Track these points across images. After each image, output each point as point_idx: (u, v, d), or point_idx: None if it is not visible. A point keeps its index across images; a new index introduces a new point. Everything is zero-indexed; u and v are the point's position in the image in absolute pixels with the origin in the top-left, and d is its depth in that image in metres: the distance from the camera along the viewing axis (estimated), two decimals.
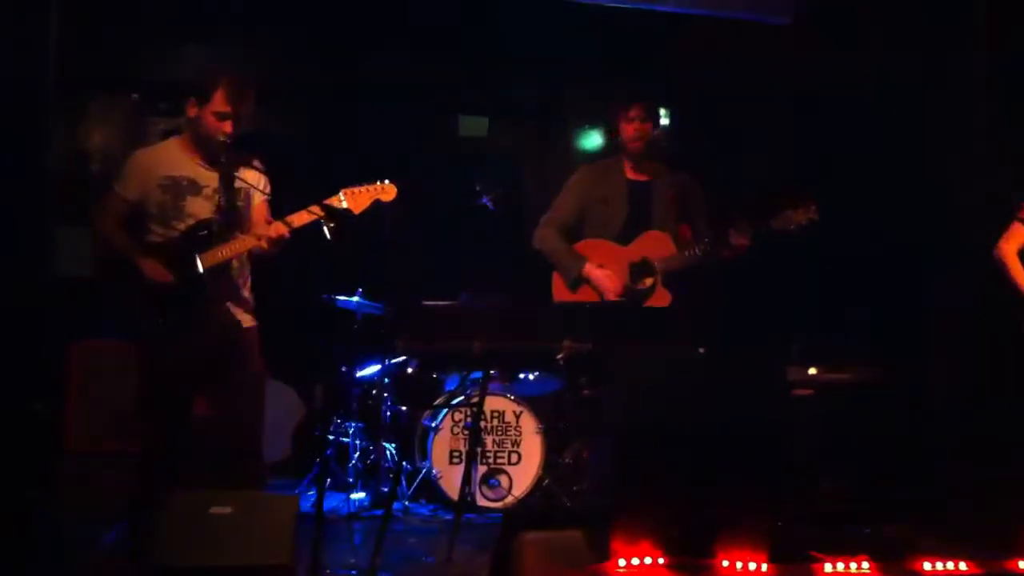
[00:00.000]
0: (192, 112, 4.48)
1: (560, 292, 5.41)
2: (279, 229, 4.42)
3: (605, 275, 5.20)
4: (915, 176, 6.29)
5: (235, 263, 4.57)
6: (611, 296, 5.15)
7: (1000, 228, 5.07)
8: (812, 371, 5.94)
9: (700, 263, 5.01)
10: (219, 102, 4.42)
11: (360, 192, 4.51)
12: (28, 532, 4.51)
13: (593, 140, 8.47)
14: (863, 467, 5.68)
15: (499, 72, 7.56)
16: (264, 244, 4.41)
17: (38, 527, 4.58)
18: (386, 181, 4.58)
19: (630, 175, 5.31)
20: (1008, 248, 4.96)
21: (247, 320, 4.64)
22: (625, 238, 5.25)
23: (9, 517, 4.44)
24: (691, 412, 3.54)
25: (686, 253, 5.06)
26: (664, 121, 7.61)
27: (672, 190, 5.20)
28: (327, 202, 4.40)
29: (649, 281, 5.07)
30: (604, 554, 3.46)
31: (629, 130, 5.23)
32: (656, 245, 5.17)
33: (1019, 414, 4.92)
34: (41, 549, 4.55)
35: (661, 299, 5.05)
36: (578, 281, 5.29)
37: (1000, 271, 4.97)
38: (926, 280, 6.29)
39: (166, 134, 5.18)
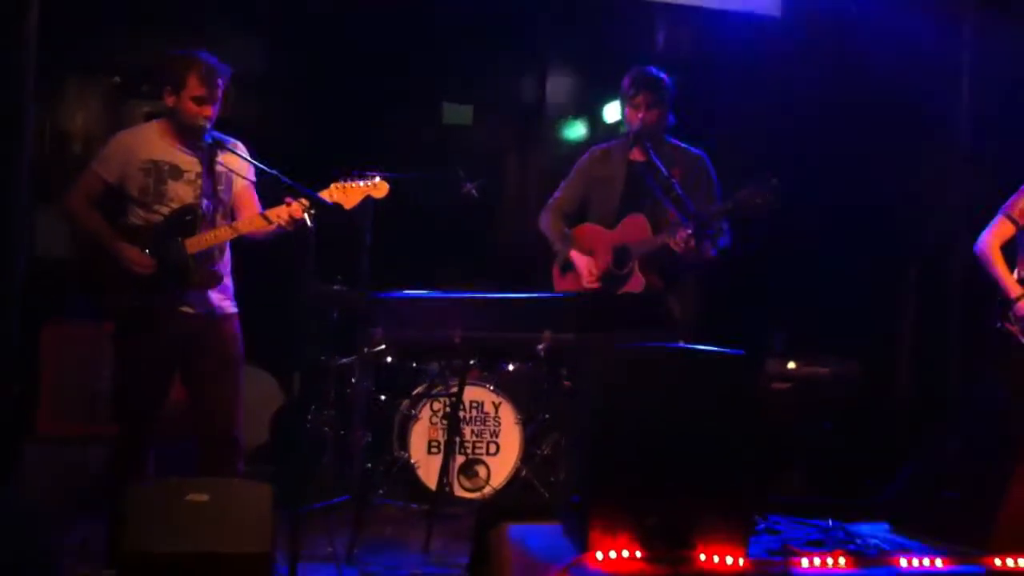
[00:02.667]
0: (170, 101, 4.46)
1: (559, 281, 5.37)
2: (259, 224, 4.42)
3: (584, 261, 5.15)
4: (900, 171, 6.31)
5: (217, 249, 4.55)
6: (585, 281, 5.12)
7: (983, 224, 5.06)
8: (791, 365, 5.96)
9: (676, 253, 4.89)
10: (195, 86, 4.40)
11: (351, 188, 4.50)
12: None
13: (577, 129, 8.46)
14: (840, 461, 5.71)
15: (484, 60, 7.54)
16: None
17: (9, 511, 4.53)
18: (377, 178, 4.57)
19: (633, 156, 5.20)
20: (991, 242, 4.94)
21: (228, 307, 4.63)
22: (616, 221, 5.19)
23: None
24: (668, 406, 3.53)
25: (658, 238, 4.97)
26: None
27: (674, 169, 5.03)
28: (319, 195, 4.39)
29: (628, 266, 5.04)
30: (582, 546, 3.45)
31: (634, 118, 5.12)
32: (634, 230, 5.10)
33: (997, 408, 4.93)
34: (9, 533, 4.51)
35: (636, 284, 5.01)
36: (566, 265, 5.26)
37: (981, 265, 4.96)
38: (906, 275, 6.31)
39: (149, 117, 5.14)
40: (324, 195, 4.44)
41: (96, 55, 7.17)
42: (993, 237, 4.94)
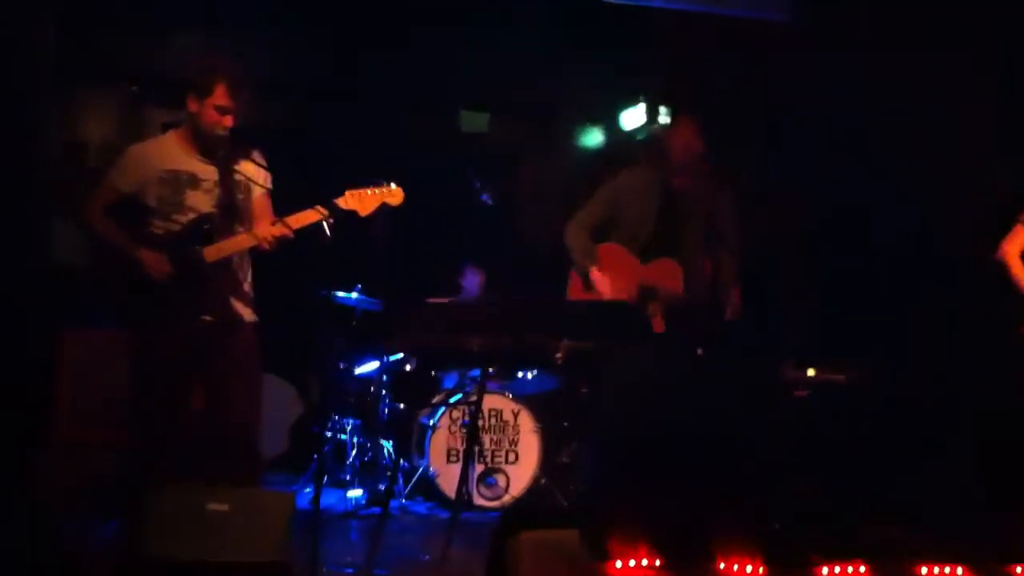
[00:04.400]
0: (193, 106, 4.46)
1: (576, 291, 5.33)
2: (281, 229, 4.41)
3: (606, 287, 5.06)
4: (912, 176, 6.28)
5: (235, 257, 4.56)
6: (610, 296, 5.09)
7: (1000, 230, 5.06)
8: (810, 372, 5.94)
9: (702, 308, 4.87)
10: (220, 96, 4.41)
11: (367, 194, 4.49)
12: (17, 523, 4.50)
13: (594, 136, 8.47)
14: (860, 469, 5.68)
15: (500, 68, 7.55)
16: (266, 245, 4.41)
17: (28, 517, 4.56)
18: (392, 184, 4.55)
19: (675, 186, 5.11)
20: (1011, 250, 4.96)
21: (247, 314, 4.63)
22: (647, 253, 5.10)
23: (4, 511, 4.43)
24: (686, 413, 3.53)
25: (687, 296, 4.91)
26: (666, 119, 7.62)
27: (707, 212, 5.03)
28: (334, 202, 4.40)
29: (652, 308, 4.97)
30: (601, 555, 3.45)
31: (677, 148, 5.05)
32: (667, 276, 5.01)
33: (1016, 416, 4.91)
34: (30, 540, 4.53)
35: (657, 326, 4.95)
36: (588, 281, 5.21)
37: (1002, 273, 4.97)
38: (921, 281, 6.28)
39: (165, 126, 5.16)
40: (339, 202, 4.44)
41: (114, 64, 7.21)
42: (1012, 244, 4.96)
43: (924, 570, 3.59)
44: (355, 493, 6.17)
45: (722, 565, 3.44)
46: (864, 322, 6.31)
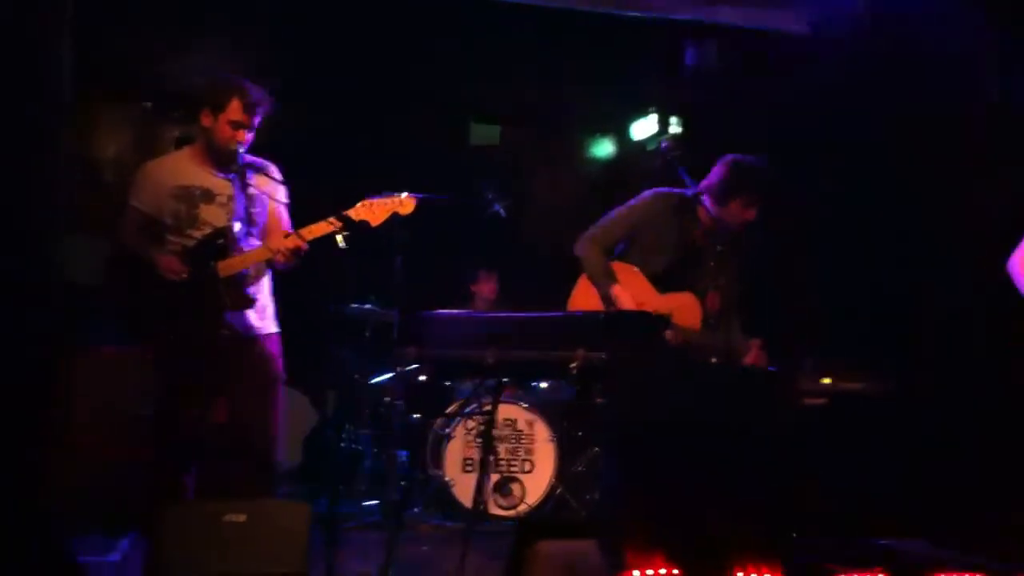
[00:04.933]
0: (207, 121, 4.49)
1: (577, 302, 5.33)
2: (295, 242, 4.42)
3: (626, 298, 4.98)
4: (929, 185, 6.28)
5: (252, 270, 4.57)
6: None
7: (1012, 239, 5.05)
8: (826, 380, 5.92)
9: (718, 349, 4.83)
10: (235, 111, 4.44)
11: (378, 204, 4.50)
12: (32, 541, 4.50)
13: (606, 147, 8.48)
14: (878, 478, 5.67)
15: (511, 80, 7.57)
16: (280, 257, 4.42)
17: (41, 535, 4.57)
18: (404, 194, 4.55)
19: (695, 231, 5.07)
20: (1019, 259, 4.94)
21: (267, 326, 4.64)
22: (662, 283, 5.07)
23: (12, 525, 4.44)
24: (702, 422, 3.52)
25: (703, 336, 4.89)
26: (677, 130, 7.63)
27: (727, 263, 5.01)
28: (345, 213, 4.41)
29: (668, 335, 4.92)
30: (618, 565, 3.45)
31: (737, 220, 4.97)
32: (686, 311, 4.98)
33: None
34: (44, 559, 4.54)
35: None
36: (607, 298, 5.18)
37: (1014, 283, 4.95)
38: (939, 289, 6.26)
39: (179, 141, 5.20)
40: (351, 213, 4.45)
41: (128, 80, 7.24)
42: (1022, 256, 4.94)
43: None
44: (370, 504, 6.19)
45: (739, 575, 3.43)
46: (881, 329, 6.31)
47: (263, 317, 4.63)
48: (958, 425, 5.97)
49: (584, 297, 5.31)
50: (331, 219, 4.40)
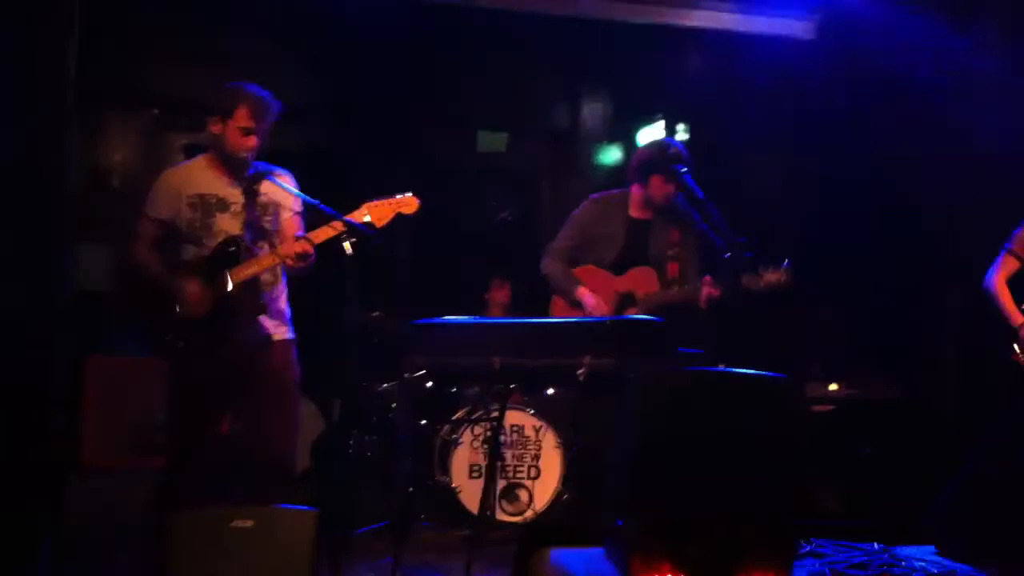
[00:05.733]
0: (216, 129, 4.50)
1: (558, 312, 5.50)
2: (302, 246, 4.43)
3: (594, 301, 5.36)
4: (934, 192, 6.28)
5: (266, 277, 4.56)
6: (592, 310, 5.33)
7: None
8: (833, 387, 5.93)
9: (678, 302, 5.23)
10: (243, 118, 4.44)
11: (382, 205, 4.51)
12: (44, 548, 4.52)
13: (611, 155, 8.48)
14: (884, 484, 5.66)
15: (518, 87, 7.58)
16: (289, 262, 4.43)
17: (55, 540, 4.59)
18: (408, 193, 4.58)
19: (633, 213, 5.49)
20: (996, 278, 4.96)
21: (281, 332, 4.64)
22: (618, 268, 5.44)
23: (25, 532, 4.45)
24: (711, 429, 3.52)
25: (665, 293, 5.30)
26: (684, 136, 7.64)
27: (670, 229, 5.41)
28: (349, 217, 4.41)
29: (631, 312, 5.18)
30: (625, 570, 3.45)
31: (659, 194, 5.40)
32: (643, 280, 5.38)
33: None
34: (57, 562, 4.56)
35: None
36: (575, 303, 5.39)
37: (988, 301, 4.96)
38: (944, 297, 6.26)
39: (187, 149, 5.21)
40: (355, 216, 4.46)
41: (135, 88, 7.26)
42: (998, 273, 4.96)
43: None
44: (377, 510, 6.18)
45: None
46: (887, 335, 6.31)
47: (279, 323, 4.63)
48: (966, 431, 5.96)
49: (560, 312, 5.44)
50: (333, 223, 4.40)
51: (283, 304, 4.67)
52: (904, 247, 6.38)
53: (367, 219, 4.47)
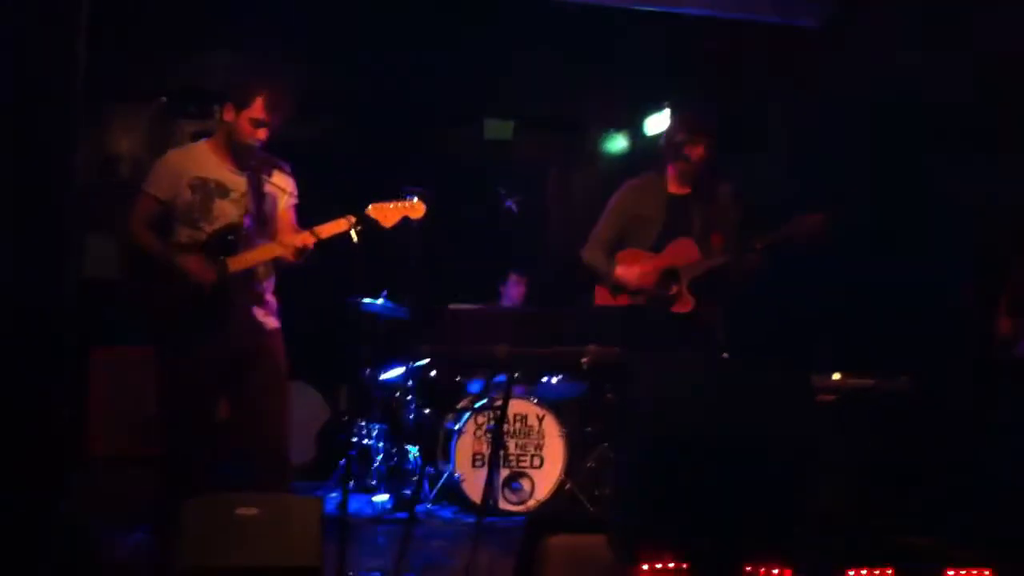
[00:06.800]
0: (229, 116, 4.51)
1: (608, 300, 5.40)
2: (306, 239, 4.45)
3: (633, 271, 5.22)
4: (943, 183, 6.26)
5: (260, 268, 4.59)
6: (635, 285, 5.19)
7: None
8: (836, 376, 5.92)
9: (723, 271, 5.05)
10: (258, 109, 4.45)
11: (389, 208, 4.56)
12: (49, 536, 4.54)
13: (619, 143, 8.48)
14: (888, 476, 5.66)
15: (524, 75, 7.57)
16: (289, 256, 4.45)
17: (60, 531, 4.61)
18: (415, 198, 4.62)
19: (672, 189, 5.32)
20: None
21: (271, 323, 4.67)
22: (659, 248, 5.26)
23: (30, 521, 4.47)
24: (716, 419, 3.54)
25: (709, 260, 5.10)
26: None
27: (711, 200, 5.25)
28: (358, 215, 4.46)
29: (675, 288, 5.08)
30: (629, 559, 3.46)
31: (693, 154, 5.22)
32: (683, 252, 5.18)
33: None
34: (63, 553, 4.58)
35: (684, 304, 5.04)
36: (616, 287, 5.29)
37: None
38: (953, 287, 6.25)
39: (195, 137, 5.22)
40: (364, 213, 4.52)
41: (142, 76, 7.26)
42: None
43: (952, 573, 3.59)
44: (381, 498, 6.21)
45: (749, 570, 3.44)
46: (892, 326, 6.30)
47: (268, 313, 4.66)
48: (968, 422, 5.96)
49: (603, 300, 5.35)
50: (347, 217, 4.44)
51: (271, 294, 4.69)
52: (918, 235, 6.37)
53: (374, 218, 4.52)
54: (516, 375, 6.05)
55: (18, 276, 4.49)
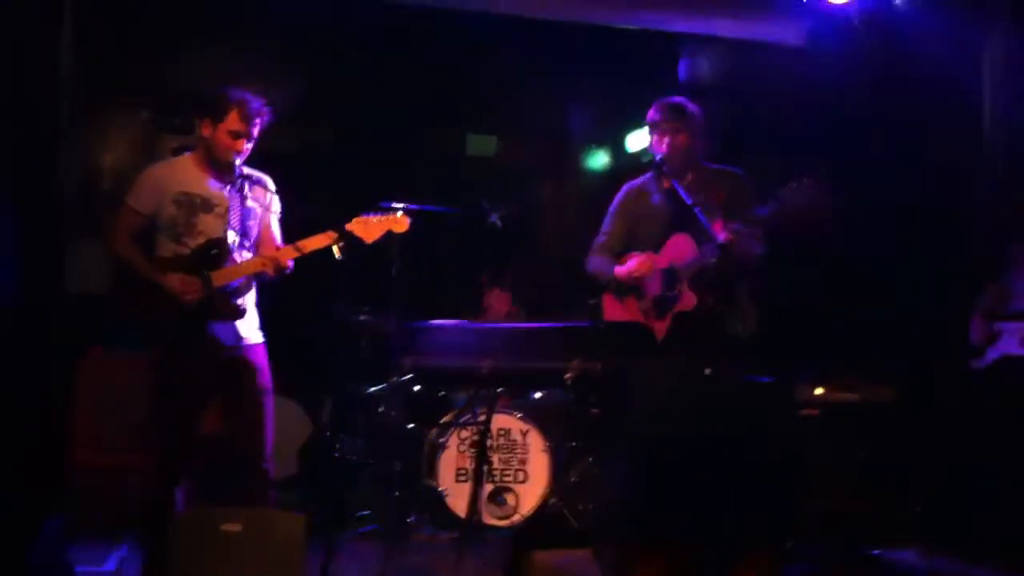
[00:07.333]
0: (206, 131, 4.52)
1: (612, 311, 5.33)
2: (291, 254, 4.46)
3: (634, 261, 5.11)
4: (932, 196, 6.31)
5: (243, 281, 4.59)
6: (640, 272, 5.06)
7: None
8: (819, 391, 5.94)
9: (719, 264, 4.88)
10: (234, 121, 4.46)
11: (373, 222, 4.57)
12: (36, 545, 4.51)
13: (601, 158, 8.49)
14: (876, 488, 5.68)
15: (507, 91, 7.59)
16: (270, 270, 4.46)
17: (47, 540, 4.58)
18: (399, 212, 4.63)
19: (668, 182, 5.14)
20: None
21: (254, 336, 4.67)
22: (662, 245, 5.15)
23: (18, 529, 4.45)
24: (705, 432, 3.55)
25: (700, 260, 4.94)
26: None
27: (711, 186, 5.10)
28: (344, 227, 4.46)
29: (678, 288, 5.00)
30: (616, 572, 3.47)
31: (660, 145, 5.13)
32: (679, 249, 5.07)
33: None
34: (49, 561, 4.55)
35: (687, 303, 4.97)
36: (620, 289, 5.24)
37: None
38: (939, 300, 6.28)
39: (178, 151, 5.21)
40: (347, 228, 4.53)
41: (126, 89, 7.25)
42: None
43: None
44: (365, 513, 6.18)
45: None
46: (877, 338, 6.33)
47: (251, 326, 4.65)
48: (954, 434, 5.99)
49: (612, 307, 5.30)
50: (329, 232, 4.44)
51: (253, 308, 4.68)
52: (904, 247, 6.40)
53: (358, 233, 4.52)
54: (500, 389, 6.05)
55: (8, 284, 4.49)
